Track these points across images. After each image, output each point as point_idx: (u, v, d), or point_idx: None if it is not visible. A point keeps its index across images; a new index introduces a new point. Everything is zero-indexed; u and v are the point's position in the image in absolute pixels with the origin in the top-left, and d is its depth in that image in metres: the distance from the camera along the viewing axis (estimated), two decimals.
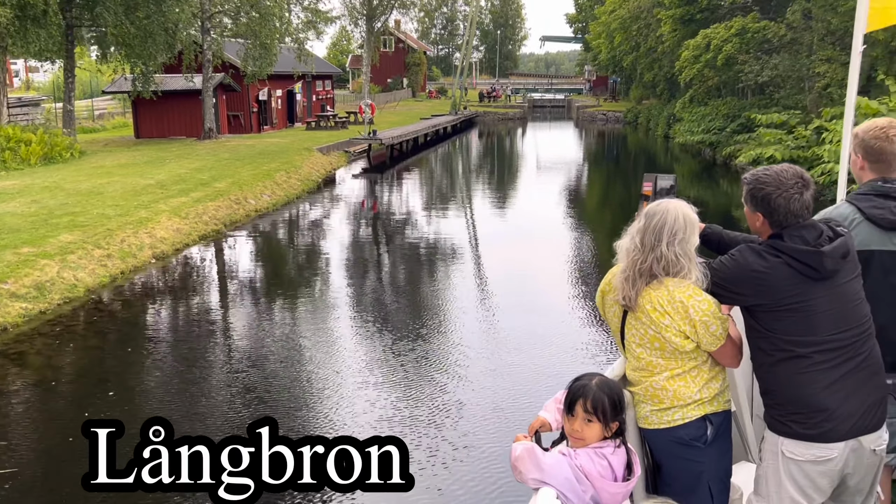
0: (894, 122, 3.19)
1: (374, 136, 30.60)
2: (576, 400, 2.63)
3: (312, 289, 12.34)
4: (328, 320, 10.50)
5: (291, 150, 26.77)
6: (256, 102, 36.50)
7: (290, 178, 21.82)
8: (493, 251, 15.58)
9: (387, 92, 70.25)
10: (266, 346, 9.38)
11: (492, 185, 26.95)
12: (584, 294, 11.68)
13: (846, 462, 2.73)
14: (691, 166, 31.54)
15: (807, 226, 2.73)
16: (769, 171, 2.80)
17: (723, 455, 2.96)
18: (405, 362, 8.74)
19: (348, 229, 17.72)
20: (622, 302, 2.88)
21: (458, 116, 52.38)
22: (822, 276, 2.66)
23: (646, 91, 60.68)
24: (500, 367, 8.57)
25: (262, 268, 14.05)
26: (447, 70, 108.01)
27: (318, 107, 45.90)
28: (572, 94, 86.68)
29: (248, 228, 16.75)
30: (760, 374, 2.87)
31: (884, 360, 2.85)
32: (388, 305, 11.32)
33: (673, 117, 42.78)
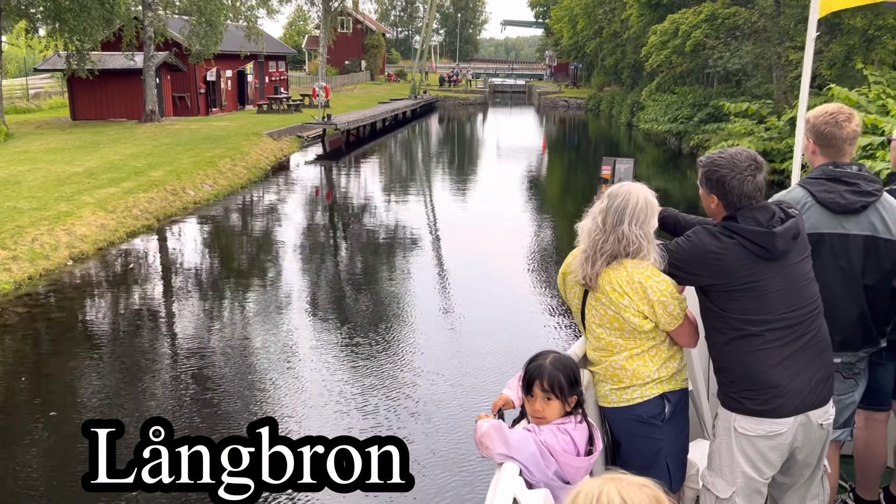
0: (843, 108, 3.20)
1: (329, 121, 29.03)
2: (532, 381, 2.65)
3: (255, 293, 10.98)
4: (276, 331, 9.18)
5: (239, 135, 25.11)
6: (204, 83, 34.53)
7: (235, 165, 20.24)
8: (454, 240, 14.86)
9: (344, 74, 68.21)
10: (201, 369, 8.03)
11: (452, 173, 25.71)
12: (544, 280, 11.56)
13: (795, 436, 2.80)
14: (655, 155, 30.72)
15: (759, 208, 2.76)
16: (724, 153, 2.82)
17: (680, 432, 3.01)
18: (366, 368, 7.58)
19: (298, 221, 16.31)
20: (582, 281, 2.90)
21: (418, 101, 50.89)
22: (773, 257, 2.71)
23: (607, 77, 59.94)
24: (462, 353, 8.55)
25: (197, 269, 12.59)
26: (407, 53, 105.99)
27: (270, 89, 43.94)
28: (533, 80, 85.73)
29: (185, 223, 15.22)
30: (714, 353, 2.92)
31: (832, 338, 2.90)
32: (343, 310, 10.10)
33: (637, 105, 41.99)
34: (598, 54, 54.22)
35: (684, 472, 3.10)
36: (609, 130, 44.28)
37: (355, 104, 44.20)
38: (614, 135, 42.02)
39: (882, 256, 3.15)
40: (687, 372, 3.09)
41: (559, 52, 74.63)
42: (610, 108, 52.12)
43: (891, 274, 3.19)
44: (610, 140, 39.85)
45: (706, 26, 25.68)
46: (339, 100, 46.76)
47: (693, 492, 3.20)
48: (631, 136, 39.80)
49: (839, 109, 3.21)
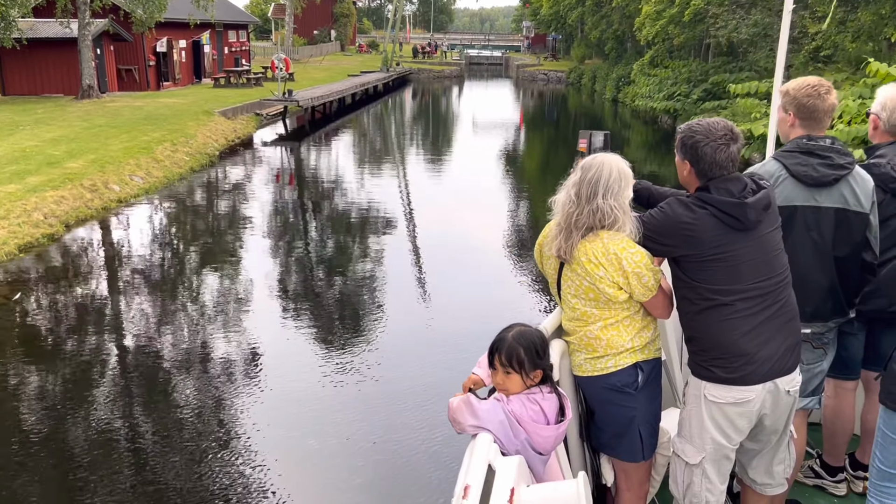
0: (823, 80, 3.21)
1: (290, 97, 26.20)
2: (493, 354, 2.71)
3: (185, 331, 8.44)
4: (208, 384, 6.71)
5: (187, 114, 22.25)
6: (154, 55, 31.39)
7: (176, 151, 17.48)
8: (431, 230, 13.34)
9: (313, 45, 64.78)
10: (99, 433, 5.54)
11: (427, 154, 23.10)
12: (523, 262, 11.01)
13: (763, 403, 2.85)
14: (646, 136, 28.35)
15: (732, 178, 2.78)
16: (702, 122, 2.85)
17: (652, 401, 3.01)
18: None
19: (245, 219, 13.69)
20: (557, 254, 2.92)
21: (391, 74, 47.93)
22: (745, 227, 2.74)
23: (589, 50, 57.39)
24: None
25: (109, 295, 9.93)
26: (379, 23, 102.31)
27: (231, 61, 40.76)
28: (510, 52, 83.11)
29: (100, 229, 12.50)
30: (686, 323, 2.95)
31: (803, 310, 2.98)
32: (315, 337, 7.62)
33: (624, 79, 39.51)
34: (581, 25, 51.52)
35: (657, 440, 3.08)
36: (593, 106, 41.78)
37: (323, 77, 41.25)
38: (598, 111, 39.54)
39: (853, 229, 3.17)
40: (660, 342, 3.10)
41: (538, 23, 71.88)
42: (592, 83, 49.56)
43: (861, 246, 3.21)
44: (594, 117, 37.34)
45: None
46: (305, 72, 43.74)
47: (665, 458, 3.23)
48: (617, 113, 37.35)
49: (819, 82, 3.19)
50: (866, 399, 3.74)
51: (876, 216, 3.23)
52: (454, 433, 2.68)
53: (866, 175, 3.22)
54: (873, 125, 3.60)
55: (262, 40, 76.65)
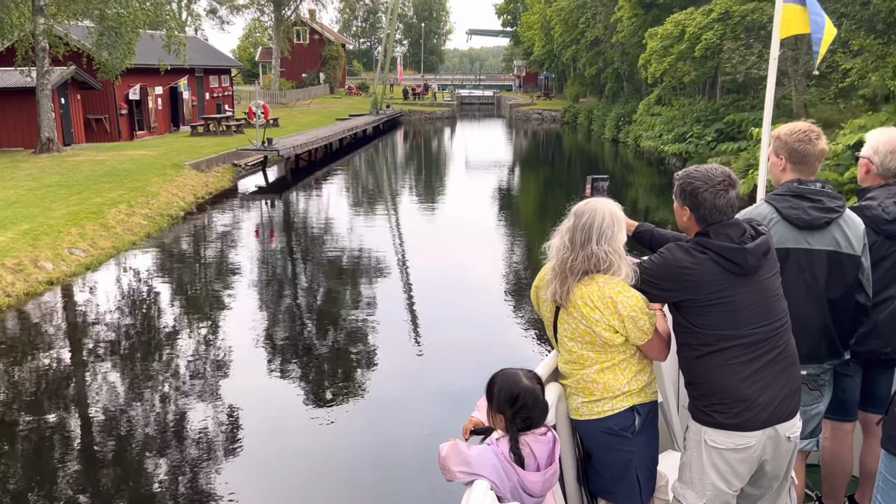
0: (813, 126, 3.28)
1: (269, 146, 24.17)
2: (488, 390, 2.75)
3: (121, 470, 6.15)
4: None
5: (154, 168, 20.14)
6: (126, 103, 29.44)
7: (132, 214, 15.30)
8: (426, 286, 12.19)
9: (301, 88, 63.26)
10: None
11: (421, 203, 20.97)
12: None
13: (763, 449, 2.84)
14: (652, 179, 26.38)
15: (731, 224, 2.81)
16: (700, 168, 2.88)
17: (650, 444, 3.01)
18: None
19: (204, 296, 11.47)
20: (553, 299, 2.93)
21: (380, 116, 46.16)
22: (745, 272, 2.75)
23: (583, 88, 55.96)
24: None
25: (16, 426, 7.61)
26: (370, 65, 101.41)
27: (212, 107, 38.93)
28: (501, 91, 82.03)
29: (18, 320, 10.24)
30: (686, 367, 2.94)
31: (798, 351, 2.96)
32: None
33: (624, 119, 37.76)
34: (575, 63, 50.06)
35: (654, 484, 3.06)
36: (591, 146, 39.95)
37: (309, 121, 39.40)
38: (597, 151, 37.68)
39: (845, 271, 3.20)
40: (656, 384, 3.08)
41: (530, 62, 70.72)
42: (589, 122, 47.91)
43: (853, 288, 3.24)
44: (593, 157, 35.45)
45: (719, 27, 21.42)
46: (291, 117, 41.90)
47: (663, 503, 3.19)
48: (617, 154, 35.48)
49: (809, 128, 3.25)
50: (864, 441, 3.71)
51: (868, 258, 3.26)
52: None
53: (857, 218, 3.26)
54: (865, 169, 3.60)
55: (251, 84, 75.44)
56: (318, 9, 66.63)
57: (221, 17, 67.88)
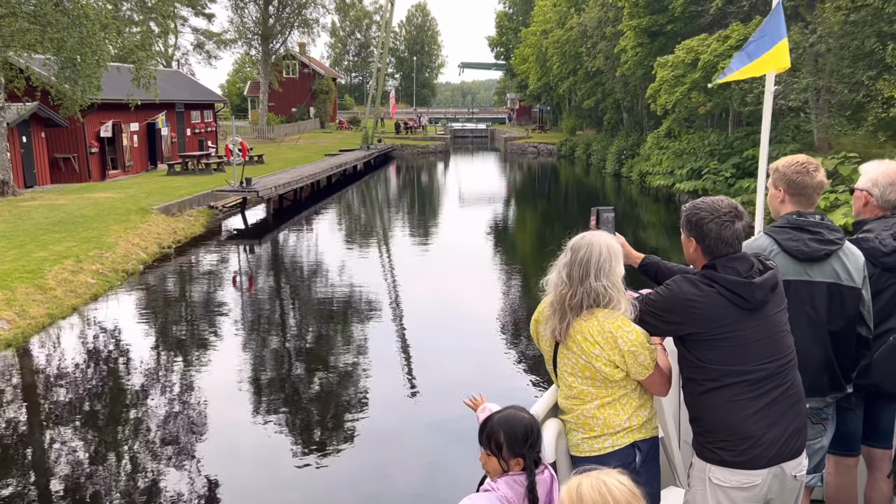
0: (811, 159, 3.29)
1: (248, 186, 22.15)
2: (480, 431, 2.71)
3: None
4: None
5: (116, 213, 18.07)
6: (97, 140, 27.48)
7: (79, 271, 13.18)
8: (425, 342, 11.03)
9: (291, 123, 61.61)
10: None
11: (415, 251, 18.90)
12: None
13: (770, 488, 2.78)
14: (662, 217, 24.47)
15: (739, 258, 2.78)
16: (706, 199, 2.87)
17: (651, 480, 2.96)
18: None
19: (158, 383, 9.31)
20: (552, 335, 2.93)
21: (371, 151, 44.38)
22: (752, 307, 2.72)
23: (580, 121, 54.48)
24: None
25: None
26: (361, 99, 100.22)
27: (194, 143, 37.05)
28: (495, 124, 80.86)
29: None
30: (690, 402, 2.88)
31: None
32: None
33: (627, 152, 36.01)
34: (572, 95, 48.53)
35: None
36: (591, 181, 38.12)
37: (297, 158, 37.53)
38: (598, 186, 35.83)
39: (846, 303, 3.18)
40: (657, 419, 3.05)
41: (523, 95, 69.44)
42: (587, 155, 46.24)
43: (854, 320, 3.22)
44: (595, 193, 33.58)
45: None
46: (278, 153, 40.05)
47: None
48: (620, 189, 33.64)
49: (808, 160, 3.27)
50: (868, 475, 3.64)
51: (868, 290, 3.24)
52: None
53: (856, 250, 3.25)
54: (863, 201, 3.61)
55: (240, 119, 73.82)
56: (308, 41, 65.15)
57: (209, 52, 66.39)
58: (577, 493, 1.86)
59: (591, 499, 1.85)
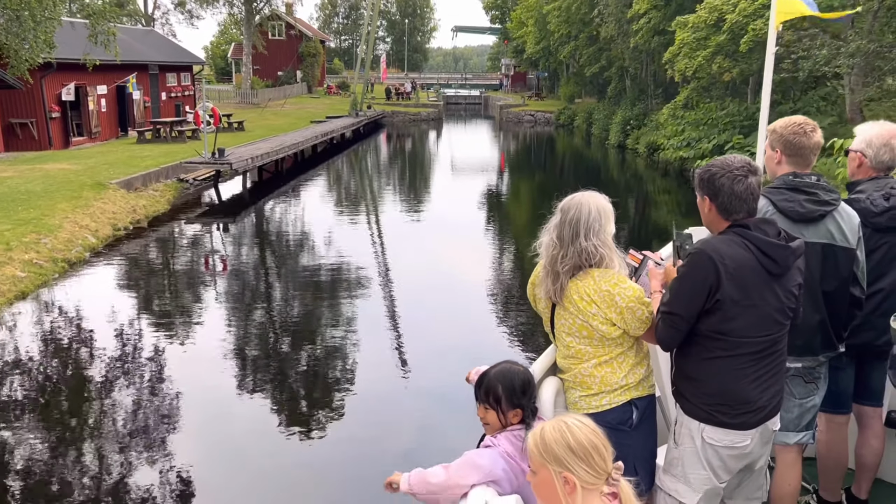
0: (809, 120, 3.29)
1: (221, 157, 19.90)
2: (477, 387, 2.77)
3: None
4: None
5: (68, 188, 15.86)
6: (58, 104, 25.05)
7: (5, 263, 11.02)
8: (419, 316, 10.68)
9: (277, 87, 58.84)
10: None
11: (406, 229, 16.81)
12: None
13: (755, 445, 2.88)
14: (677, 196, 22.44)
15: (768, 221, 2.79)
16: (719, 158, 2.86)
17: (648, 438, 3.03)
18: None
19: (90, 408, 7.31)
20: (547, 297, 2.95)
21: (360, 119, 41.96)
22: (780, 272, 2.71)
23: (579, 88, 52.09)
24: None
25: None
26: (351, 63, 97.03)
27: (170, 108, 34.55)
28: (488, 91, 78.39)
29: None
30: (690, 365, 2.85)
31: (793, 344, 2.99)
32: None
33: (632, 122, 33.83)
34: (573, 60, 46.07)
35: (653, 477, 3.06)
36: (594, 153, 35.97)
37: (281, 124, 35.16)
38: (600, 158, 33.70)
39: (840, 264, 3.21)
40: (654, 378, 3.08)
41: (519, 60, 66.77)
42: (587, 125, 44.01)
43: (848, 281, 3.25)
44: (597, 167, 31.49)
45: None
46: (262, 119, 37.64)
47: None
48: (624, 162, 31.54)
49: (805, 120, 3.28)
50: (859, 433, 3.72)
51: (863, 251, 3.28)
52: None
53: (852, 211, 3.27)
54: (857, 162, 3.63)
55: (225, 83, 70.73)
56: (296, 1, 62.07)
57: (190, 11, 63.17)
58: (541, 436, 1.93)
59: (553, 438, 1.90)
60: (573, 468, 1.89)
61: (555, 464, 1.90)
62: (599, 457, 1.91)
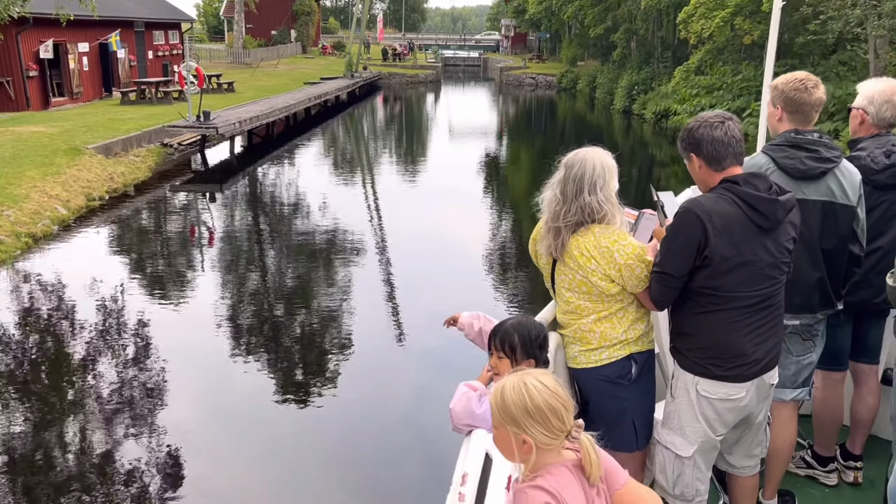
0: (810, 76, 3.23)
1: (206, 121, 18.70)
2: (492, 336, 2.76)
3: None
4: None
5: (39, 154, 14.72)
6: (36, 62, 23.70)
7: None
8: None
9: (270, 47, 57.03)
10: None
11: (405, 202, 15.75)
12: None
13: (751, 399, 2.87)
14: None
15: (758, 175, 2.74)
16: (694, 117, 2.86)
17: (646, 392, 3.03)
18: None
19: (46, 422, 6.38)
20: (548, 253, 2.94)
21: (356, 80, 40.52)
22: (770, 226, 2.68)
23: (581, 50, 50.52)
24: None
25: None
26: (347, 23, 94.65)
27: (157, 67, 33.12)
28: (487, 53, 76.59)
29: None
30: (684, 320, 2.85)
31: (791, 302, 3.01)
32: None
33: (638, 87, 32.54)
34: (576, 21, 44.49)
35: (650, 431, 3.08)
36: (597, 118, 34.69)
37: (273, 85, 33.79)
38: (604, 124, 32.43)
39: (839, 221, 3.18)
40: (654, 334, 3.09)
41: (520, 21, 64.88)
42: (591, 88, 42.61)
43: (847, 238, 3.23)
44: (601, 132, 30.26)
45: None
46: (254, 80, 36.22)
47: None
48: (630, 128, 30.35)
49: (807, 76, 3.21)
50: (855, 390, 3.75)
51: (863, 209, 3.24)
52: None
53: (853, 168, 3.22)
54: (859, 119, 3.60)
55: (217, 42, 68.77)
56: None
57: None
58: (501, 396, 1.91)
59: (511, 400, 1.88)
60: (530, 431, 1.88)
61: (512, 425, 1.89)
62: (557, 419, 1.88)
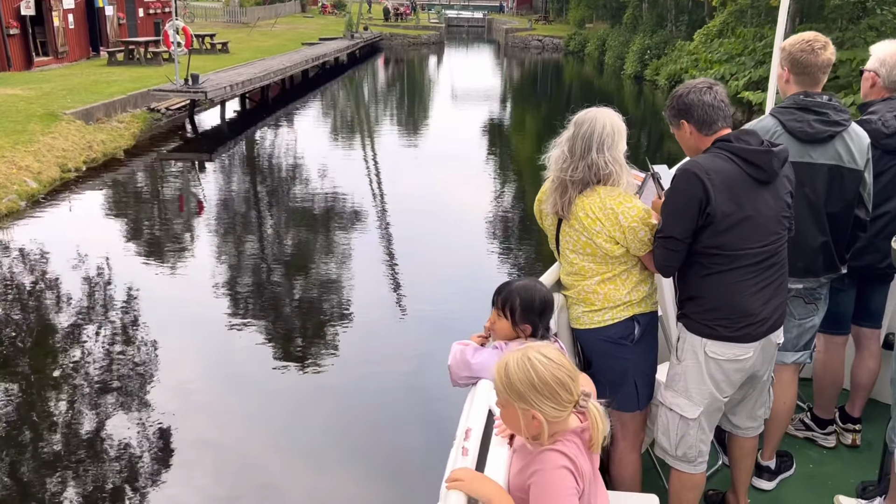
0: (819, 36, 3.14)
1: (194, 85, 17.52)
2: (496, 294, 2.73)
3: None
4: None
5: (11, 120, 13.61)
6: (16, 19, 22.39)
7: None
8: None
9: (268, 5, 55.26)
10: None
11: (407, 168, 14.67)
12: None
13: (757, 359, 2.86)
14: None
15: (749, 132, 2.75)
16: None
17: (648, 353, 3.03)
18: None
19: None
20: (554, 211, 2.91)
21: (356, 41, 39.05)
22: (768, 178, 2.67)
23: (590, 12, 48.85)
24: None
25: None
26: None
27: (147, 25, 31.68)
28: (492, 13, 74.53)
29: None
30: (690, 283, 2.83)
31: (795, 265, 2.99)
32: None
33: (651, 51, 31.15)
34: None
35: (652, 391, 3.09)
36: (607, 84, 33.34)
37: (270, 46, 32.45)
38: (613, 90, 31.09)
39: (845, 185, 3.13)
40: (657, 296, 3.08)
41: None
42: (600, 52, 41.13)
43: (853, 203, 3.19)
44: (611, 100, 28.98)
45: None
46: (250, 40, 34.83)
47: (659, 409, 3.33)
48: (641, 94, 29.09)
49: (815, 37, 3.13)
50: (856, 354, 3.75)
51: (871, 173, 3.18)
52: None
53: (861, 132, 3.16)
54: (870, 82, 3.52)
55: (213, 0, 66.84)
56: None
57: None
58: (505, 374, 1.89)
59: (517, 377, 1.86)
60: (538, 406, 1.85)
61: (519, 402, 1.86)
62: (566, 391, 1.85)
